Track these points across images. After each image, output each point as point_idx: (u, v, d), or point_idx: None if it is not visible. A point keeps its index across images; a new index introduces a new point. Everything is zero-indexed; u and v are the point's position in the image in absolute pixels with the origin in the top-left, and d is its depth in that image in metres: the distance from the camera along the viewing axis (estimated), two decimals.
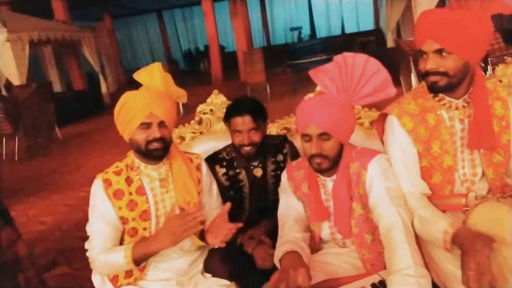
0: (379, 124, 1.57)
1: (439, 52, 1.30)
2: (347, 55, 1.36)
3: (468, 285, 1.05)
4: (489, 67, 5.80)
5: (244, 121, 1.70)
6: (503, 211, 1.06)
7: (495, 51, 6.01)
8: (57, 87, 11.33)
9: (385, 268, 1.24)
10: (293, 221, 1.51)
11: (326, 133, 1.34)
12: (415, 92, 1.50)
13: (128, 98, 1.48)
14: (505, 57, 2.03)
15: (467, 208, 1.30)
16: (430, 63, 1.31)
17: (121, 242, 1.55)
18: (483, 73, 1.47)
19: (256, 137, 1.73)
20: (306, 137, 1.38)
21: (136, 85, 1.55)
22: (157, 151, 1.48)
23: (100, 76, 11.35)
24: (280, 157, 1.87)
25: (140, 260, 1.42)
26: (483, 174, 1.44)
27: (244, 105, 1.75)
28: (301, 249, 1.35)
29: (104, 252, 1.46)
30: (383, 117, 1.54)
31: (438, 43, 1.29)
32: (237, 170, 1.85)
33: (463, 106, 1.41)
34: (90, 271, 1.56)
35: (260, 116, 1.75)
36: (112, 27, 15.15)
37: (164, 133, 1.48)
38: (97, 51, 11.61)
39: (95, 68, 11.14)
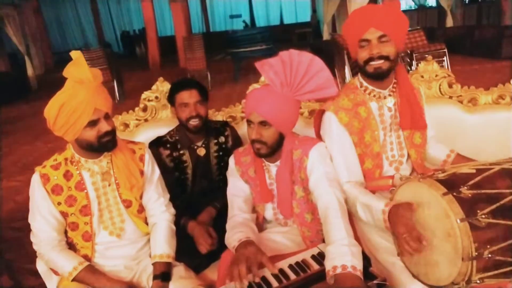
0: (316, 120, 1.71)
1: (381, 38, 1.47)
2: (293, 52, 1.46)
3: (404, 247, 1.22)
4: (414, 62, 6.30)
5: (191, 94, 1.83)
6: (422, 189, 1.24)
7: (419, 48, 6.55)
8: None
9: (323, 242, 1.38)
10: (242, 201, 1.63)
11: (266, 121, 1.44)
12: (346, 89, 1.66)
13: (64, 99, 1.36)
14: (426, 55, 2.27)
15: (393, 188, 1.47)
16: (375, 48, 1.48)
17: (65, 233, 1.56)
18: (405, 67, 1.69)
19: (202, 110, 1.84)
20: (250, 123, 1.49)
21: (65, 68, 1.44)
22: (110, 142, 1.46)
23: (26, 58, 10.51)
24: (222, 139, 1.98)
25: (80, 282, 1.49)
26: (408, 156, 1.66)
27: (189, 81, 1.92)
28: (251, 230, 1.48)
29: (56, 250, 1.51)
30: (320, 114, 1.67)
31: (381, 30, 1.47)
32: (181, 152, 1.93)
33: (389, 95, 1.61)
34: (25, 261, 1.53)
35: (203, 92, 1.88)
36: (38, 4, 14.06)
37: (111, 124, 1.46)
38: (22, 30, 10.73)
39: (19, 48, 10.30)
